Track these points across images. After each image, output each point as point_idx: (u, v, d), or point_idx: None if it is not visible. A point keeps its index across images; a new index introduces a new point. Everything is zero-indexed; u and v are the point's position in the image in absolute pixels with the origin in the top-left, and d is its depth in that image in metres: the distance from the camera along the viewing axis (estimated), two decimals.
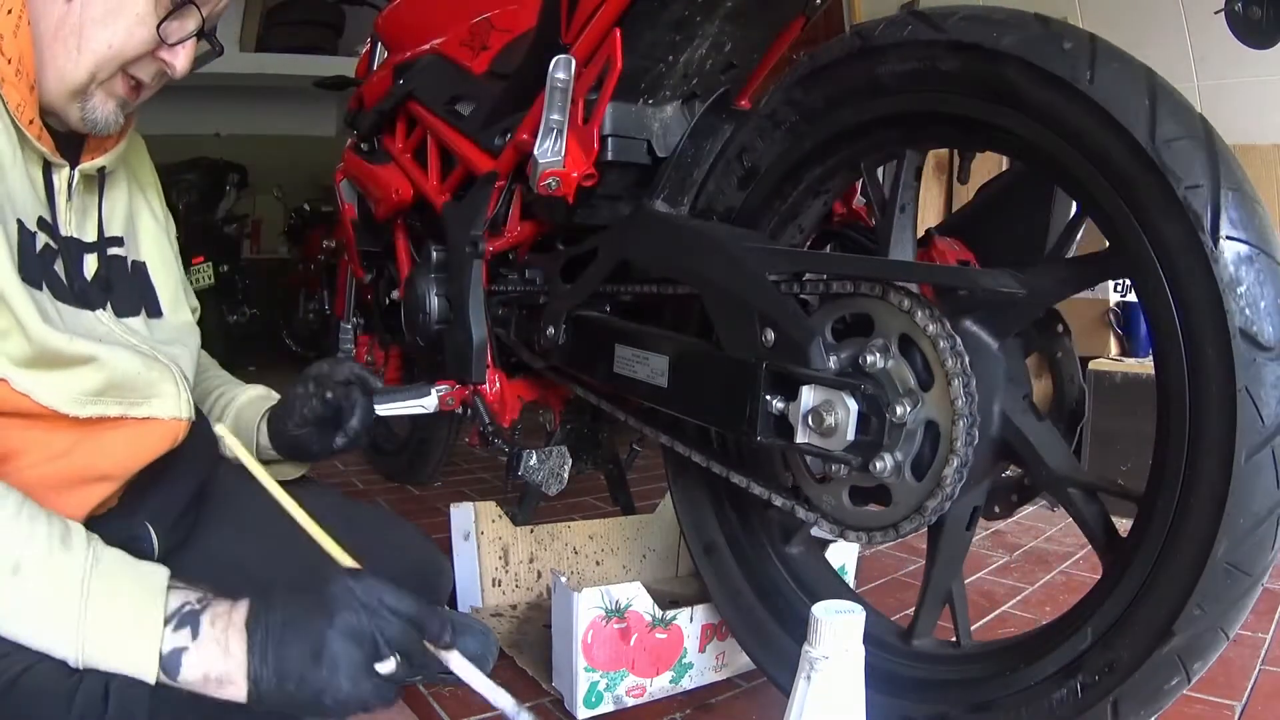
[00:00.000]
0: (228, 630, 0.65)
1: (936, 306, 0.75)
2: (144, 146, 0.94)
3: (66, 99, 0.74)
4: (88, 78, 0.74)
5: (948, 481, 0.74)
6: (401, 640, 0.66)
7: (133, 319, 0.83)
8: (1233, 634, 0.66)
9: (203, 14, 0.78)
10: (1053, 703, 0.73)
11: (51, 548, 0.64)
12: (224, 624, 0.65)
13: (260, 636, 0.64)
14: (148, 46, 0.76)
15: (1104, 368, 2.04)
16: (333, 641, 0.64)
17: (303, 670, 0.63)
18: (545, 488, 1.31)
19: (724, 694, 1.12)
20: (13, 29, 0.70)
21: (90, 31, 0.73)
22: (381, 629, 0.65)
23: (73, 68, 0.73)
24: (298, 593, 0.68)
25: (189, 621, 0.65)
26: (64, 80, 0.73)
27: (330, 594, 0.67)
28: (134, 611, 0.64)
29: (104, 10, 0.73)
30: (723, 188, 0.98)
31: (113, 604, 0.64)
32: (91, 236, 0.81)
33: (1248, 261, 0.62)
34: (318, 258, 4.31)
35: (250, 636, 0.65)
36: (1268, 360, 0.61)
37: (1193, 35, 2.31)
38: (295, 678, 0.63)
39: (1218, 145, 0.64)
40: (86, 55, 0.73)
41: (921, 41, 0.75)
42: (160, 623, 0.64)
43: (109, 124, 0.78)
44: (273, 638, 0.64)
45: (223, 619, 0.66)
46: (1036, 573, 1.60)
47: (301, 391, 0.96)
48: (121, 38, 0.74)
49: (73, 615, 0.63)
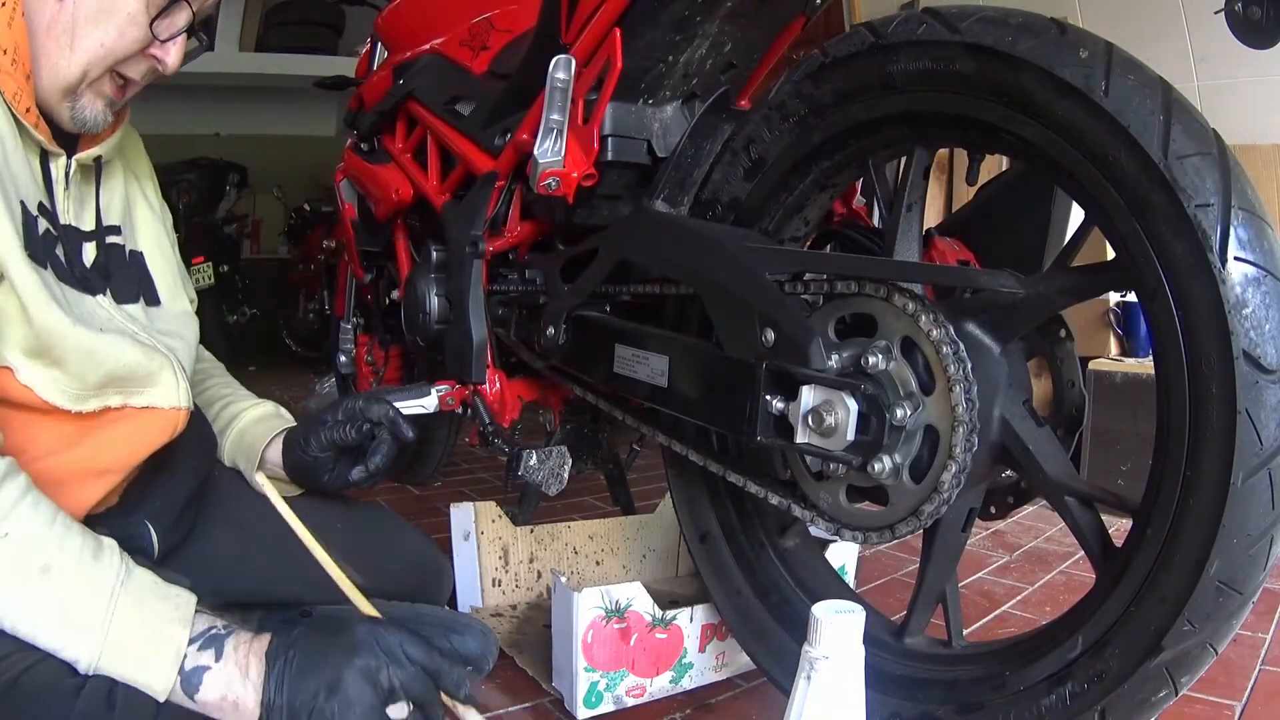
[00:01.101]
0: (249, 657, 0.68)
1: (940, 309, 0.75)
2: (139, 139, 0.95)
3: (58, 97, 0.75)
4: (80, 76, 0.75)
5: (945, 486, 0.74)
6: (418, 690, 0.68)
7: (132, 306, 0.84)
8: (1222, 650, 0.66)
9: (193, 9, 0.79)
10: (1041, 708, 0.74)
11: (83, 556, 0.66)
12: (246, 651, 0.68)
13: (280, 666, 0.67)
14: (140, 45, 0.77)
15: (1104, 368, 2.04)
16: (349, 681, 0.66)
17: (316, 704, 0.65)
18: (545, 488, 1.31)
19: (724, 694, 1.12)
20: (7, 20, 0.70)
21: (83, 30, 0.73)
22: (399, 676, 0.68)
23: (65, 65, 0.74)
24: (321, 630, 0.70)
25: (214, 644, 0.68)
26: (57, 77, 0.74)
27: (354, 635, 0.69)
28: (159, 627, 0.66)
29: (96, 9, 0.73)
30: (728, 178, 0.98)
31: (140, 615, 0.66)
32: (89, 225, 0.82)
33: (1255, 283, 0.61)
34: (318, 258, 4.32)
35: (270, 665, 0.67)
36: (1269, 383, 0.61)
37: (1193, 35, 2.31)
38: (307, 710, 0.65)
39: (1231, 164, 0.63)
40: (79, 53, 0.74)
41: (935, 41, 0.75)
42: (184, 640, 0.67)
43: (98, 123, 0.78)
44: (291, 669, 0.67)
45: (245, 646, 0.68)
46: (1036, 573, 1.60)
47: (330, 420, 0.95)
48: (114, 36, 0.74)
49: (98, 620, 0.64)
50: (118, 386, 0.76)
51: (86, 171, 0.82)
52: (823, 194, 0.96)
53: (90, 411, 0.74)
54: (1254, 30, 1.35)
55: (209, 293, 4.04)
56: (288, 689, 0.66)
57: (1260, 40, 1.35)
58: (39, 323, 0.69)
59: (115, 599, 0.65)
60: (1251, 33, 1.36)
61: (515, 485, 1.44)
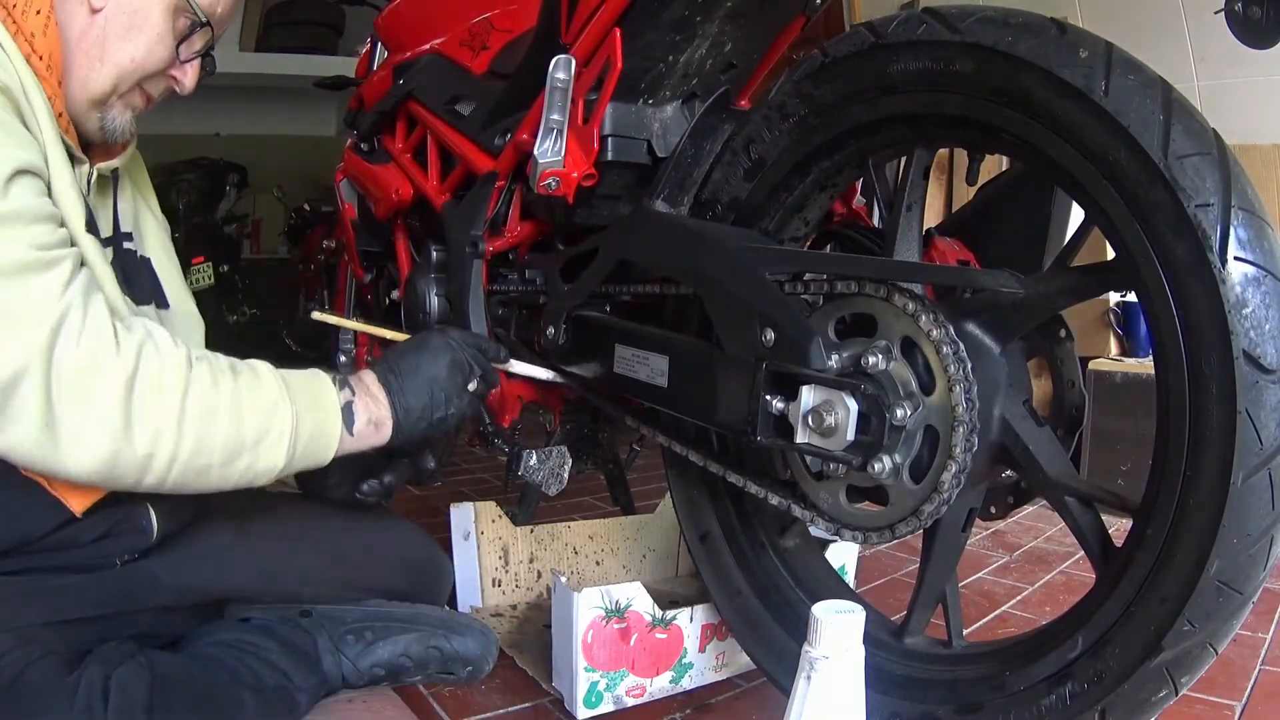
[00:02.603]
0: (371, 387, 0.88)
1: (940, 309, 0.75)
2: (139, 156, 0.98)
3: (87, 107, 0.79)
4: (110, 88, 0.79)
5: (945, 486, 0.74)
6: (480, 363, 0.95)
7: (146, 308, 0.88)
8: (1222, 649, 0.66)
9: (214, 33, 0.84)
10: (1041, 708, 0.74)
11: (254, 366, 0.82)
12: (365, 384, 0.88)
13: (393, 381, 0.89)
14: (164, 64, 0.82)
15: (1104, 368, 2.04)
16: (444, 372, 0.91)
17: (430, 396, 0.89)
18: (545, 488, 1.31)
19: (724, 694, 1.12)
20: (42, 28, 0.74)
21: (113, 45, 0.78)
22: (470, 358, 0.94)
23: (96, 78, 0.78)
24: (406, 350, 0.93)
25: (346, 384, 0.87)
26: (87, 89, 0.78)
27: (434, 342, 0.93)
28: (315, 384, 0.85)
29: (125, 26, 0.78)
30: (728, 178, 0.98)
31: (301, 383, 0.83)
32: (108, 231, 0.86)
33: (1255, 283, 0.61)
34: (318, 258, 4.31)
35: (387, 385, 0.89)
36: (1269, 383, 0.61)
37: (1193, 35, 2.31)
38: (424, 403, 0.89)
39: (1230, 164, 0.63)
40: (109, 66, 0.78)
41: (936, 42, 0.75)
42: (334, 387, 0.85)
43: (124, 132, 0.83)
44: (403, 382, 0.89)
45: (362, 381, 0.89)
46: (1036, 573, 1.60)
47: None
48: (143, 53, 0.79)
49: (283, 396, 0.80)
50: None
51: (104, 181, 0.86)
52: (823, 194, 0.96)
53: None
54: (1254, 30, 1.35)
55: (209, 293, 4.04)
56: (408, 396, 0.88)
57: (1260, 40, 1.36)
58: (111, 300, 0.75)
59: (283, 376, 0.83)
60: (1251, 33, 1.36)
61: (515, 485, 1.45)
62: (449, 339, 0.94)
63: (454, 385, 0.91)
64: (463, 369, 0.92)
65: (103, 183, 0.86)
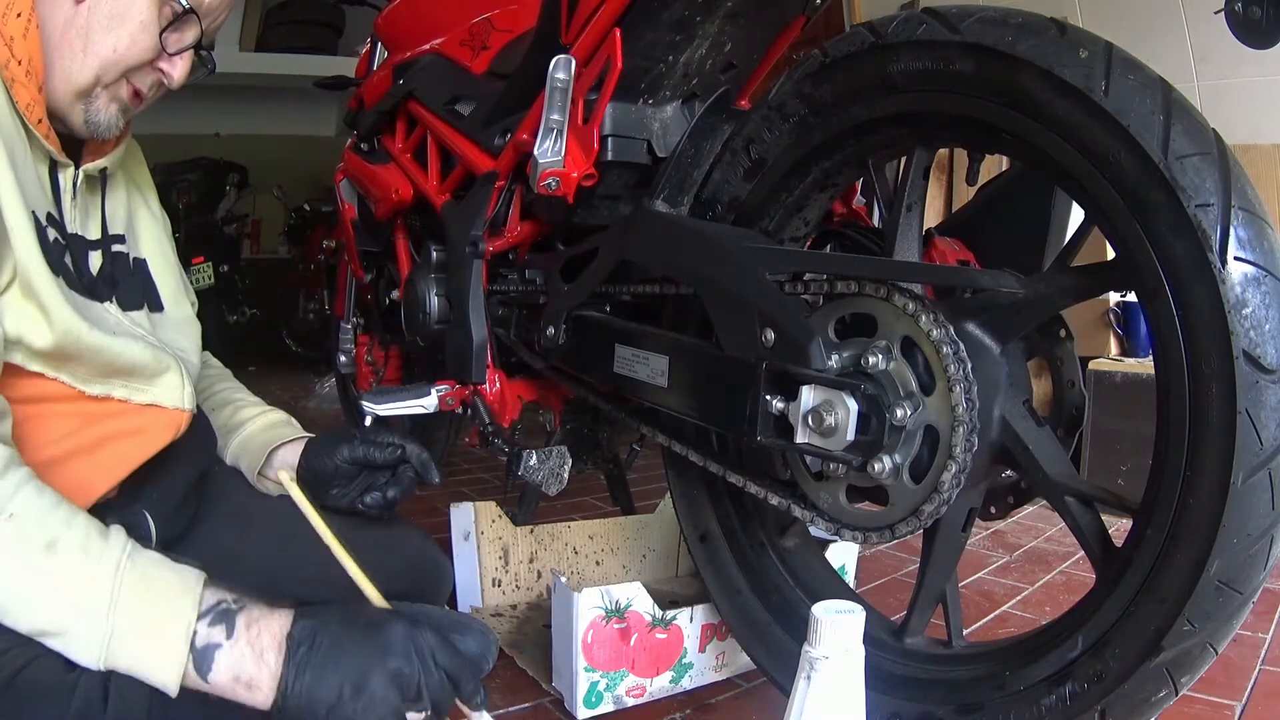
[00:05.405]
0: (263, 636, 0.64)
1: (940, 309, 0.75)
2: (140, 151, 0.97)
3: (71, 100, 0.77)
4: (93, 79, 0.77)
5: (945, 486, 0.74)
6: (439, 696, 0.66)
7: (137, 313, 0.85)
8: (1222, 650, 0.66)
9: (203, 27, 0.82)
10: (1041, 708, 0.74)
11: (89, 534, 0.64)
12: (258, 629, 0.65)
13: (303, 653, 0.64)
14: (149, 55, 0.79)
15: (1104, 368, 2.04)
16: (378, 682, 0.64)
17: (339, 699, 0.63)
18: (545, 488, 1.31)
19: (724, 694, 1.12)
20: (22, 31, 0.72)
21: (96, 35, 0.76)
22: (426, 682, 0.65)
23: (78, 69, 0.76)
24: (351, 621, 0.67)
25: (225, 619, 0.64)
26: (70, 81, 0.76)
27: (390, 634, 0.66)
28: (168, 602, 0.64)
29: (109, 15, 0.76)
30: (728, 178, 0.98)
31: (148, 592, 0.63)
32: (95, 234, 0.84)
33: (1255, 283, 0.61)
34: (318, 258, 4.31)
35: (291, 650, 0.64)
36: (1269, 383, 0.61)
37: (1193, 35, 2.31)
38: (328, 703, 0.63)
39: (1231, 164, 0.63)
40: (92, 57, 0.76)
41: (936, 41, 0.75)
42: (194, 614, 0.64)
43: (110, 127, 0.80)
44: (317, 658, 0.64)
45: (258, 624, 0.65)
46: (1036, 573, 1.60)
47: (369, 437, 0.96)
48: (125, 43, 0.77)
49: (104, 599, 0.62)
50: (124, 379, 0.78)
51: (92, 182, 0.84)
52: (823, 194, 0.96)
53: (95, 395, 0.76)
54: (1254, 30, 1.35)
55: (209, 293, 4.04)
56: (310, 678, 0.63)
57: (1260, 40, 1.35)
58: (59, 326, 0.70)
59: (121, 575, 0.63)
60: (1251, 33, 1.36)
61: (515, 485, 1.44)
62: (417, 643, 0.66)
63: (384, 702, 0.63)
64: (407, 689, 0.64)
65: (91, 183, 0.84)
